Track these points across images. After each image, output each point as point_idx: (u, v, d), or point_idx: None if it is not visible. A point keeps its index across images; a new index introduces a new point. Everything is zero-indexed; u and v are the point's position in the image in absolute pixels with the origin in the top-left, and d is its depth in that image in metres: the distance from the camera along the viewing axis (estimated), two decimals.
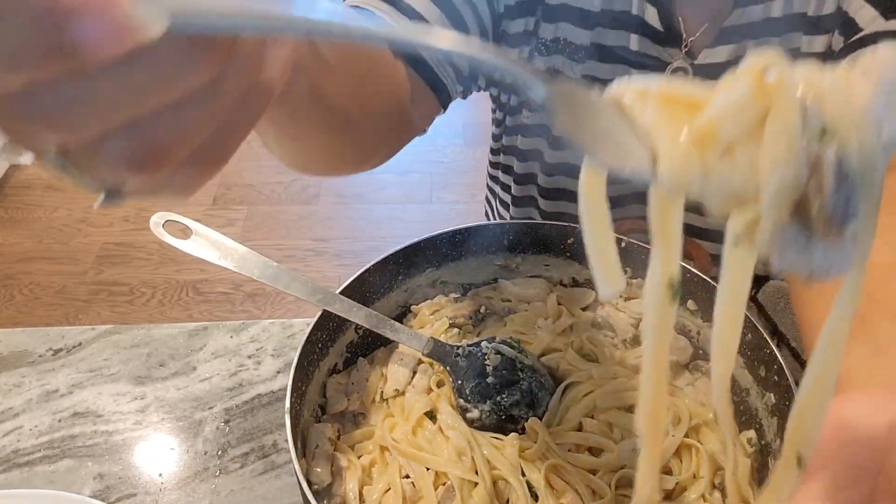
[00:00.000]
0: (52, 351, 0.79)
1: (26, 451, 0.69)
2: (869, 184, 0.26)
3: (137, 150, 0.25)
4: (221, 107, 0.27)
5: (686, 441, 0.57)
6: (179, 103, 0.25)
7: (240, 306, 2.20)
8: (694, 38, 0.72)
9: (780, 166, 0.26)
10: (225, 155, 0.29)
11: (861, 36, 0.67)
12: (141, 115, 0.24)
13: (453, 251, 0.70)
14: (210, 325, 0.82)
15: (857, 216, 0.27)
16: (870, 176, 0.26)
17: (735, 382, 0.64)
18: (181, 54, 0.24)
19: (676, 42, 0.73)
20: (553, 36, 0.76)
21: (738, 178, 0.26)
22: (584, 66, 0.76)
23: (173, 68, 0.24)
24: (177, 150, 0.26)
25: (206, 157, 0.28)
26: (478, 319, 0.69)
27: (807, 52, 0.71)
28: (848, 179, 0.26)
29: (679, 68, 0.74)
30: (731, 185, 0.26)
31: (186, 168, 0.28)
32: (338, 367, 0.65)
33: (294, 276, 0.61)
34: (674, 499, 0.55)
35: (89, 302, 2.20)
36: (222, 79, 0.26)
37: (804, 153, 0.26)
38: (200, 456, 0.69)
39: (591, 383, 0.60)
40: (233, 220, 2.51)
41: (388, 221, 2.51)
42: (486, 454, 0.55)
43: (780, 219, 0.26)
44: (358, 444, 0.59)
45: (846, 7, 0.68)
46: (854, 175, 0.26)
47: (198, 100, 0.25)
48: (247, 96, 0.28)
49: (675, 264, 0.30)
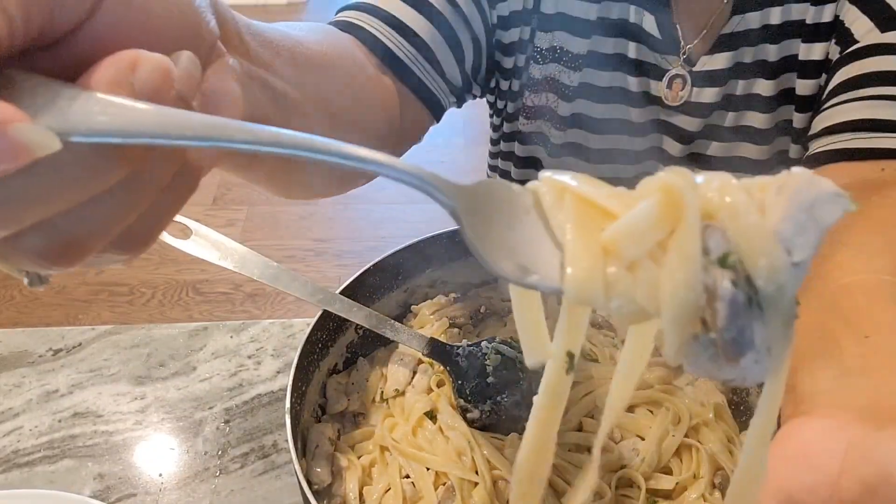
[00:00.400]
0: (52, 351, 0.79)
1: (26, 452, 0.69)
2: (778, 304, 0.26)
3: (52, 245, 0.25)
4: (143, 197, 0.26)
5: (686, 441, 0.57)
6: (94, 200, 0.25)
7: (240, 306, 2.20)
8: (692, 45, 0.72)
9: (679, 292, 0.26)
10: (152, 237, 0.29)
11: (856, 49, 0.67)
12: (52, 214, 0.24)
13: (453, 251, 0.70)
14: (210, 325, 0.82)
15: (755, 346, 0.26)
16: (779, 296, 0.26)
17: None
18: (88, 160, 0.24)
19: (675, 49, 0.73)
20: (549, 45, 0.77)
21: (641, 295, 0.26)
22: (580, 74, 0.76)
23: (81, 172, 0.24)
24: (94, 242, 0.26)
25: (131, 241, 0.28)
26: (478, 319, 0.69)
27: (805, 60, 0.71)
28: (742, 312, 0.26)
29: (677, 75, 0.74)
30: (634, 302, 0.26)
31: (110, 252, 0.27)
32: (338, 367, 0.65)
33: (294, 277, 0.61)
34: (674, 498, 0.55)
35: (89, 302, 2.20)
36: (140, 173, 0.25)
37: (703, 281, 0.26)
38: (200, 456, 0.69)
39: (591, 383, 0.60)
40: (233, 220, 2.51)
41: (388, 221, 2.51)
42: (486, 454, 0.55)
43: (684, 336, 0.27)
44: (358, 444, 0.59)
45: (843, 17, 0.68)
46: (761, 296, 0.26)
47: (115, 195, 0.25)
48: (172, 183, 0.27)
49: (576, 340, 0.30)
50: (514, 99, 0.82)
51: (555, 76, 0.77)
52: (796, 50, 0.71)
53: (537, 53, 0.77)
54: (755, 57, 0.72)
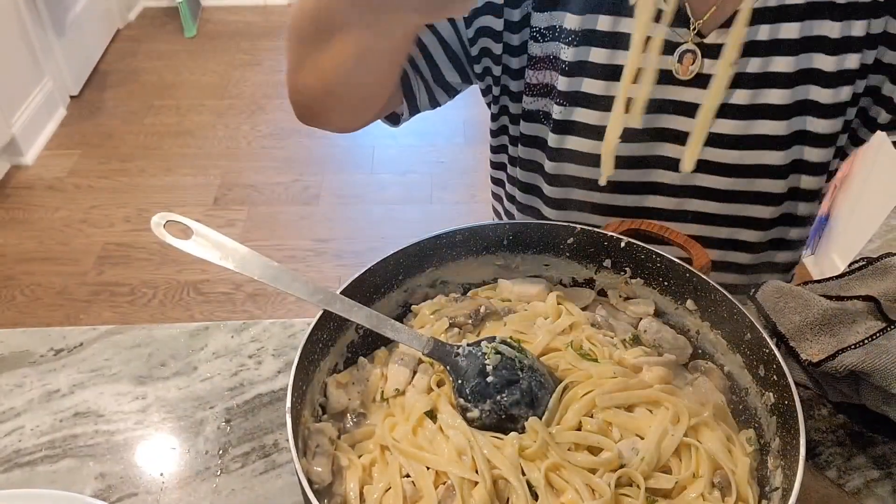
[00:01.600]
0: (53, 351, 0.79)
1: (28, 451, 0.69)
2: None
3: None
4: None
5: (685, 440, 0.57)
6: None
7: (241, 306, 2.20)
8: (702, 20, 0.72)
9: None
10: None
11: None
12: None
13: (453, 251, 0.70)
14: (211, 325, 0.82)
15: None
16: None
17: (734, 382, 0.64)
18: None
19: (685, 23, 0.73)
20: (548, 24, 0.77)
21: None
22: (576, 51, 0.76)
23: None
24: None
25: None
26: (478, 319, 0.69)
27: (836, 38, 0.71)
28: None
29: (688, 51, 0.74)
30: None
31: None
32: (338, 366, 0.65)
33: (294, 277, 0.61)
34: (673, 498, 0.55)
35: (90, 302, 2.20)
36: None
37: None
38: (201, 455, 0.69)
39: (591, 383, 0.60)
40: (233, 220, 2.51)
41: (388, 221, 2.51)
42: (487, 453, 0.55)
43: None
44: (358, 444, 0.60)
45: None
46: None
47: None
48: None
49: None
50: (517, 78, 0.82)
51: (555, 53, 0.78)
52: (824, 29, 0.71)
53: (536, 32, 0.78)
54: (771, 35, 0.72)
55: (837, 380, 0.68)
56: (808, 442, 0.54)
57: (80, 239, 2.43)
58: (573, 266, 0.72)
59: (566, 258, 0.72)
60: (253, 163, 2.79)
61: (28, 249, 2.39)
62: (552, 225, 0.71)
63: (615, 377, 0.60)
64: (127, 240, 2.43)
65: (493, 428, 0.58)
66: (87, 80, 3.21)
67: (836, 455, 0.69)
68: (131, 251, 2.38)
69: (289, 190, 2.65)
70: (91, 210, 2.55)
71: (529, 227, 0.71)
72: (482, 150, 2.86)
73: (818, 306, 0.71)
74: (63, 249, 2.39)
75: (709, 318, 0.66)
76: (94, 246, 2.41)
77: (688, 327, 0.68)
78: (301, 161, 2.78)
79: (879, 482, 0.66)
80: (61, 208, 2.55)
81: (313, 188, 2.65)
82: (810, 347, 0.69)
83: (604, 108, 0.78)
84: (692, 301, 0.67)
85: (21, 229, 2.46)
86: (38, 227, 2.47)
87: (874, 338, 0.66)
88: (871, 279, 0.77)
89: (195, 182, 2.68)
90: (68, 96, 3.08)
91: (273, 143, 2.88)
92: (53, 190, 2.63)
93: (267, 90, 3.20)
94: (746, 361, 0.62)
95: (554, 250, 0.72)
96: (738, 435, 0.60)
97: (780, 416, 0.57)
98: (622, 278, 0.71)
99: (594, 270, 0.72)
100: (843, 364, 0.66)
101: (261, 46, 3.51)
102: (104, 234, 2.45)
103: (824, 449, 0.69)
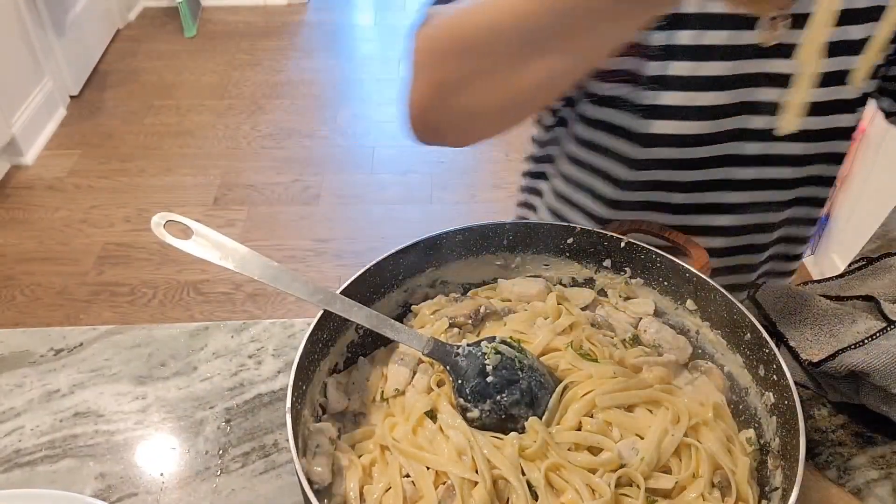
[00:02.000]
0: (53, 351, 0.79)
1: (27, 451, 0.69)
2: None
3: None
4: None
5: (685, 440, 0.57)
6: None
7: (241, 306, 2.20)
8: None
9: None
10: None
11: None
12: None
13: (453, 251, 0.70)
14: (211, 325, 0.82)
15: None
16: None
17: (734, 382, 0.64)
18: None
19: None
20: None
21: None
22: (666, 35, 0.73)
23: None
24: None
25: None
26: (478, 319, 0.69)
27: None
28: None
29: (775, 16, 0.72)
30: None
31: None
32: (338, 366, 0.65)
33: (294, 277, 0.61)
34: (673, 498, 0.55)
35: (90, 302, 2.20)
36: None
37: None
38: (201, 455, 0.69)
39: (591, 383, 0.60)
40: (233, 220, 2.51)
41: (388, 221, 2.51)
42: (487, 453, 0.55)
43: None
44: (358, 444, 0.60)
45: None
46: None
47: None
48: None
49: None
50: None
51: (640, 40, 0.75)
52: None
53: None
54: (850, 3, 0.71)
55: (837, 380, 0.68)
56: (808, 442, 0.54)
57: (80, 239, 2.43)
58: (573, 266, 0.72)
59: (566, 258, 0.72)
60: (253, 163, 2.79)
61: (28, 249, 2.39)
62: (552, 225, 0.71)
63: (615, 377, 0.60)
64: (127, 240, 2.43)
65: (493, 428, 0.58)
66: (87, 80, 3.21)
67: (836, 455, 0.69)
68: (131, 251, 2.38)
69: (289, 190, 2.65)
70: (91, 210, 2.55)
71: (529, 226, 0.71)
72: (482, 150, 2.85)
73: (818, 306, 0.71)
74: (63, 249, 2.39)
75: (709, 318, 0.66)
76: (94, 246, 2.41)
77: (688, 327, 0.68)
78: (301, 161, 2.79)
79: (879, 482, 0.66)
80: (61, 208, 2.55)
81: (313, 188, 2.65)
82: (810, 347, 0.69)
83: (694, 88, 0.76)
84: (692, 301, 0.67)
85: (21, 229, 2.46)
86: (38, 227, 2.47)
87: (874, 338, 0.66)
88: (871, 279, 0.77)
89: (195, 182, 2.68)
90: (68, 96, 3.08)
91: (273, 143, 2.89)
92: (53, 190, 2.63)
93: (267, 90, 3.20)
94: (746, 361, 0.62)
95: (554, 250, 0.72)
96: (738, 435, 0.60)
97: (780, 416, 0.57)
98: (622, 278, 0.71)
99: (594, 270, 0.72)
100: (843, 364, 0.66)
101: (261, 46, 3.51)
102: (104, 234, 2.45)
103: (824, 449, 0.69)
